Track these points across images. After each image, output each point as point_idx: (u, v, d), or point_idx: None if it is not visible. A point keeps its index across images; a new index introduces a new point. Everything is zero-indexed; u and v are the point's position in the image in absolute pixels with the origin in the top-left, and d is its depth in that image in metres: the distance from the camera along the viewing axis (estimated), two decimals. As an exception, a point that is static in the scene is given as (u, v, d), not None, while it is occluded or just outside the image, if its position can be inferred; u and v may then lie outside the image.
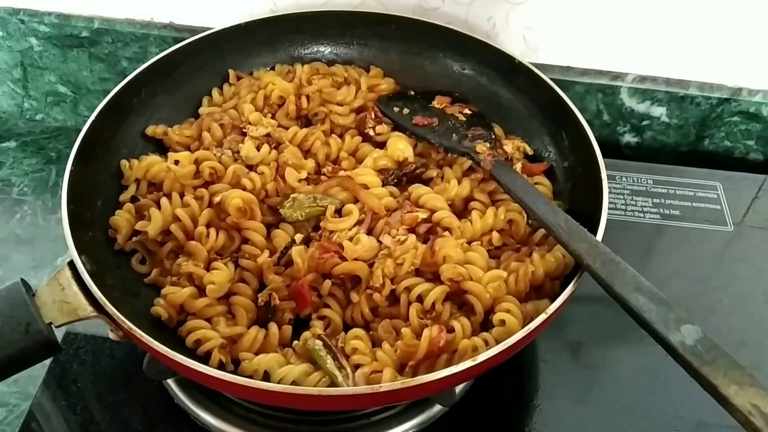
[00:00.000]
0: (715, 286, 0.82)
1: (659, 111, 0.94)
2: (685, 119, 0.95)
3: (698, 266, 0.84)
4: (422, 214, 0.69)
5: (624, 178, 0.90)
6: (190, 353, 0.62)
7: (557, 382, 0.73)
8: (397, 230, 0.67)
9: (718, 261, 0.84)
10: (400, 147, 0.74)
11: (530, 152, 0.78)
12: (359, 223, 0.69)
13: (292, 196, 0.71)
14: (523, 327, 0.60)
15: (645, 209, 0.88)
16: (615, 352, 0.75)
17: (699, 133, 0.96)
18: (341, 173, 0.73)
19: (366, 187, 0.71)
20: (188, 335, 0.63)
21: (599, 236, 0.63)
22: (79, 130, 0.68)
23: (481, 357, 0.55)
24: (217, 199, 0.69)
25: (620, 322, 0.71)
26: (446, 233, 0.68)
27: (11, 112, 1.05)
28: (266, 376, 0.61)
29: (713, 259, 0.84)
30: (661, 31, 0.88)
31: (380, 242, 0.67)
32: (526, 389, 0.73)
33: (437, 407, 0.68)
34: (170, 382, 0.70)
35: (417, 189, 0.72)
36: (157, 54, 0.94)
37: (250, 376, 0.61)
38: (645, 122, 0.96)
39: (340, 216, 0.70)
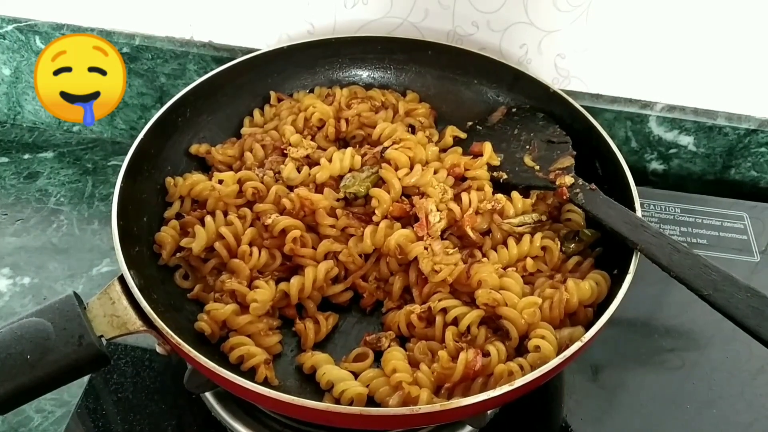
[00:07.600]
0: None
1: (687, 140, 0.96)
2: (712, 149, 0.96)
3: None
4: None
5: (652, 206, 0.91)
6: (233, 368, 0.64)
7: (579, 405, 0.74)
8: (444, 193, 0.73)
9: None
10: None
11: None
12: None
13: (347, 174, 0.75)
14: (557, 353, 0.61)
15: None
16: (635, 375, 0.76)
17: (725, 163, 0.98)
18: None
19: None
20: (231, 351, 0.65)
21: (632, 268, 0.65)
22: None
23: (519, 382, 0.57)
24: (268, 221, 0.71)
25: (639, 345, 0.77)
26: (484, 259, 0.69)
27: (49, 123, 1.08)
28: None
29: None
30: (691, 62, 0.90)
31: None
32: (552, 410, 0.74)
33: (468, 428, 0.69)
34: (207, 394, 0.72)
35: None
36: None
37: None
38: (672, 150, 0.97)
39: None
